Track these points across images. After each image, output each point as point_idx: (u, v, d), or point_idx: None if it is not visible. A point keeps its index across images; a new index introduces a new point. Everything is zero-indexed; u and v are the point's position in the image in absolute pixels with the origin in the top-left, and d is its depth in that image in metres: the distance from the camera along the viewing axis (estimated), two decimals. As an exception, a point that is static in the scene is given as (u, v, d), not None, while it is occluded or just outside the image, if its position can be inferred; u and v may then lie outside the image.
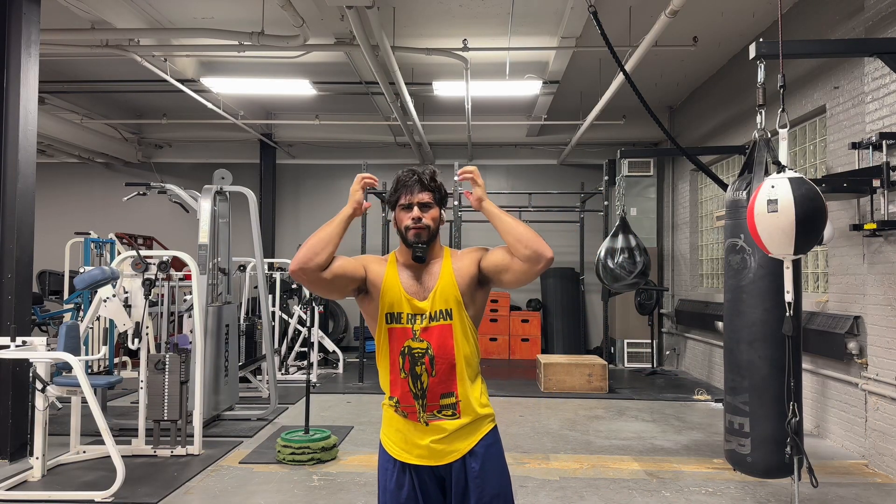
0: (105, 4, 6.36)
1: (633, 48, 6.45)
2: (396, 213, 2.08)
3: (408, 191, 2.04)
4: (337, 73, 8.55)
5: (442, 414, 2.01)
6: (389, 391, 2.07)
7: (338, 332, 11.19)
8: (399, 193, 2.06)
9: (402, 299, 2.03)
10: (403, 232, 2.04)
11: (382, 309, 2.04)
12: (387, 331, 2.05)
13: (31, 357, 4.29)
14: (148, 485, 4.31)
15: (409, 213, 2.03)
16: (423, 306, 2.03)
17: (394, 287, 2.04)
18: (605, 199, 9.16)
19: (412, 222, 2.02)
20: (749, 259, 3.72)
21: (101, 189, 11.95)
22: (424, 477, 2.04)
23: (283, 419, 6.19)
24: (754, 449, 3.70)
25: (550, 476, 4.62)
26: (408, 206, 2.04)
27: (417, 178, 2.05)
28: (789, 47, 3.70)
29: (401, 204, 2.06)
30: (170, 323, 8.43)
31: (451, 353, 2.01)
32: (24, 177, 5.05)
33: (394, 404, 2.06)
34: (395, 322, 2.04)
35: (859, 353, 5.08)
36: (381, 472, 2.10)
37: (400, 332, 2.03)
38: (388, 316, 2.04)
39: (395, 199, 2.07)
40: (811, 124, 6.34)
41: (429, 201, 2.05)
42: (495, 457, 2.06)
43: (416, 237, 2.02)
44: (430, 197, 2.05)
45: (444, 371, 2.01)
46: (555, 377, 7.65)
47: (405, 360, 2.02)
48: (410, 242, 2.03)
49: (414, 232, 2.02)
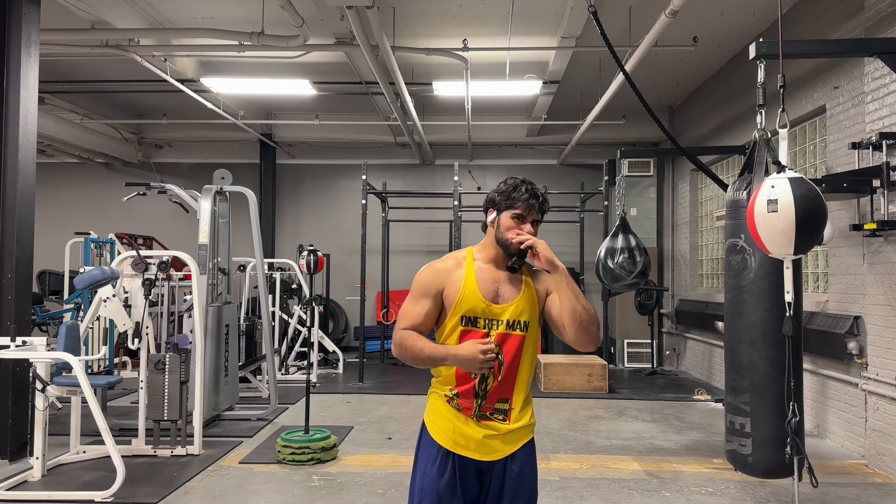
0: (105, 4, 6.36)
1: (633, 48, 6.45)
2: (502, 217, 2.12)
3: (528, 207, 2.10)
4: (337, 73, 8.55)
5: (493, 416, 2.10)
6: (454, 384, 2.10)
7: (338, 332, 11.20)
8: (518, 203, 2.10)
9: (480, 304, 2.08)
10: (508, 239, 2.09)
11: (459, 311, 2.08)
12: (461, 333, 2.09)
13: (31, 357, 4.29)
14: (148, 485, 4.31)
15: (521, 227, 2.10)
16: (499, 312, 2.09)
17: (474, 294, 2.08)
18: (605, 199, 9.16)
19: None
20: (749, 259, 3.72)
21: (101, 189, 11.95)
22: (467, 468, 2.10)
23: (283, 419, 6.19)
24: (755, 449, 3.70)
25: (550, 476, 4.62)
26: (522, 218, 2.11)
27: (541, 199, 2.13)
28: (789, 47, 3.70)
29: (515, 214, 2.10)
30: (170, 323, 8.43)
31: (518, 363, 2.10)
32: (24, 177, 5.05)
33: (452, 396, 2.11)
34: (472, 325, 2.08)
35: (859, 353, 5.08)
36: (422, 454, 2.16)
37: (476, 335, 2.08)
38: (463, 318, 2.08)
39: (509, 204, 2.11)
40: (811, 124, 6.34)
41: (539, 221, 2.15)
42: (532, 465, 2.17)
43: (520, 251, 2.08)
44: (540, 218, 2.16)
45: (508, 378, 2.09)
46: (555, 377, 7.65)
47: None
48: (514, 253, 2.09)
49: (522, 245, 2.08)
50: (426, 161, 11.70)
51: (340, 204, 11.85)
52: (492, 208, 2.16)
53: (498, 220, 2.13)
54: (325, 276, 10.20)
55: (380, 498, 4.17)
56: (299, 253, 8.16)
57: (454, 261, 2.16)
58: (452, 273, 2.12)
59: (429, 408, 2.19)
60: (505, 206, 2.12)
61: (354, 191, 11.19)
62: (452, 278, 2.11)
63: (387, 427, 5.98)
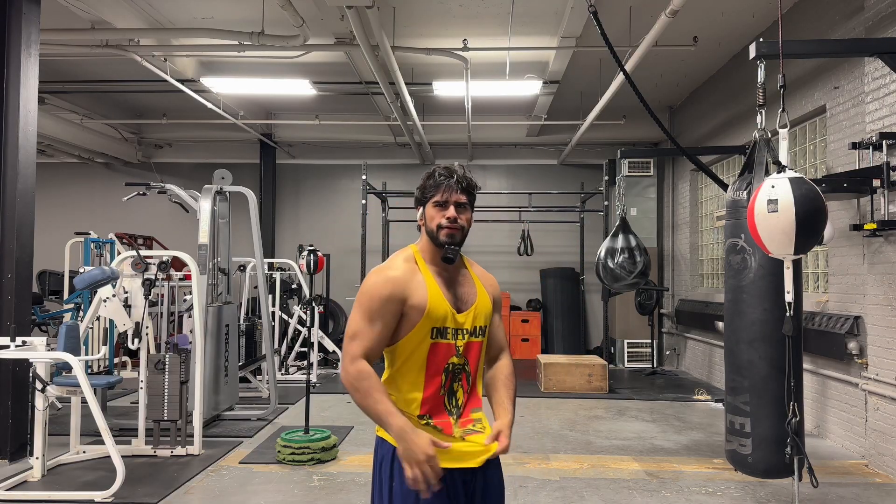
0: (105, 4, 6.36)
1: (633, 48, 6.45)
2: (427, 209, 1.98)
3: (445, 189, 1.96)
4: (337, 73, 8.55)
5: (474, 428, 1.99)
6: (419, 409, 1.93)
7: (338, 332, 11.18)
8: (433, 190, 1.97)
9: (448, 314, 1.94)
10: (434, 230, 1.95)
11: (429, 323, 1.91)
12: (430, 346, 1.93)
13: (31, 357, 4.29)
14: (148, 485, 4.31)
15: (444, 212, 1.95)
16: (463, 321, 1.97)
17: (441, 303, 1.93)
18: (605, 199, 9.16)
19: (447, 221, 1.94)
20: (749, 259, 3.72)
21: (101, 189, 11.95)
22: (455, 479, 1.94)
23: (283, 419, 6.19)
24: (755, 449, 3.70)
25: (550, 476, 4.62)
26: (443, 203, 1.96)
27: (457, 178, 1.97)
28: (789, 47, 3.70)
29: (435, 201, 1.96)
30: (170, 323, 8.43)
31: (479, 370, 2.04)
32: (24, 177, 5.05)
33: (426, 419, 1.94)
34: (441, 337, 1.93)
35: (859, 353, 5.08)
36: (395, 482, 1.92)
37: (444, 347, 1.94)
38: (434, 331, 1.92)
39: (428, 195, 1.98)
40: (811, 124, 6.34)
41: (465, 202, 1.98)
42: (500, 467, 2.09)
43: (449, 237, 1.94)
44: (466, 198, 1.99)
45: (474, 387, 2.01)
46: (555, 377, 7.65)
47: (447, 377, 1.95)
48: (442, 242, 1.95)
49: (448, 231, 1.94)
50: (426, 161, 11.69)
51: (340, 204, 11.85)
52: (418, 205, 2.02)
53: (423, 213, 2.00)
54: (325, 276, 10.19)
55: (380, 498, 4.17)
56: (299, 253, 8.15)
57: (406, 265, 1.97)
58: (411, 280, 1.93)
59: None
60: (425, 197, 1.99)
61: (354, 191, 11.19)
62: (413, 286, 1.92)
63: (387, 427, 5.97)
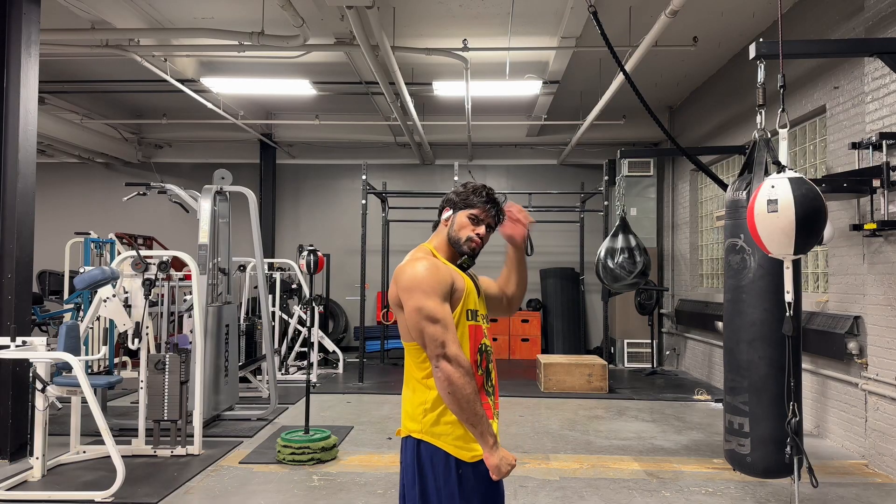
0: (105, 4, 6.36)
1: (633, 48, 6.45)
2: (459, 216, 2.13)
3: (485, 210, 2.14)
4: (337, 73, 8.55)
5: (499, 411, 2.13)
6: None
7: (338, 332, 11.19)
8: (476, 206, 2.13)
9: (476, 298, 2.09)
10: (461, 238, 2.11)
11: (466, 305, 2.04)
12: (468, 328, 2.03)
13: (31, 357, 4.29)
14: (148, 485, 4.31)
15: (476, 228, 2.13)
16: (482, 305, 2.14)
17: (472, 287, 2.10)
18: (605, 199, 9.15)
19: (476, 236, 2.12)
20: (749, 259, 3.72)
21: (101, 189, 11.95)
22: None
23: (283, 419, 6.19)
24: (754, 449, 3.70)
25: (550, 476, 4.62)
26: (477, 220, 2.13)
27: (499, 207, 2.18)
28: (789, 47, 3.70)
29: (472, 214, 2.13)
30: (170, 323, 8.42)
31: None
32: (24, 177, 5.05)
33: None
34: (474, 319, 2.06)
35: (859, 353, 5.08)
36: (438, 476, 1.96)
37: (478, 329, 2.07)
38: (469, 313, 2.04)
39: (467, 205, 2.14)
40: (811, 124, 6.34)
41: (492, 227, 2.18)
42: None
43: (472, 251, 2.13)
44: (494, 224, 2.19)
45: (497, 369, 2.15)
46: (555, 377, 7.65)
47: (482, 357, 2.06)
48: (464, 251, 2.12)
49: (474, 245, 2.12)
50: (426, 161, 11.70)
51: (340, 204, 11.85)
52: (448, 207, 2.17)
53: (453, 218, 2.14)
54: (325, 276, 10.20)
55: (380, 498, 4.17)
56: (299, 253, 8.15)
57: (432, 257, 2.09)
58: (447, 267, 2.06)
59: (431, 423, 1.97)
60: (462, 205, 2.14)
61: (354, 191, 11.20)
62: (451, 272, 2.05)
63: (387, 427, 5.98)
